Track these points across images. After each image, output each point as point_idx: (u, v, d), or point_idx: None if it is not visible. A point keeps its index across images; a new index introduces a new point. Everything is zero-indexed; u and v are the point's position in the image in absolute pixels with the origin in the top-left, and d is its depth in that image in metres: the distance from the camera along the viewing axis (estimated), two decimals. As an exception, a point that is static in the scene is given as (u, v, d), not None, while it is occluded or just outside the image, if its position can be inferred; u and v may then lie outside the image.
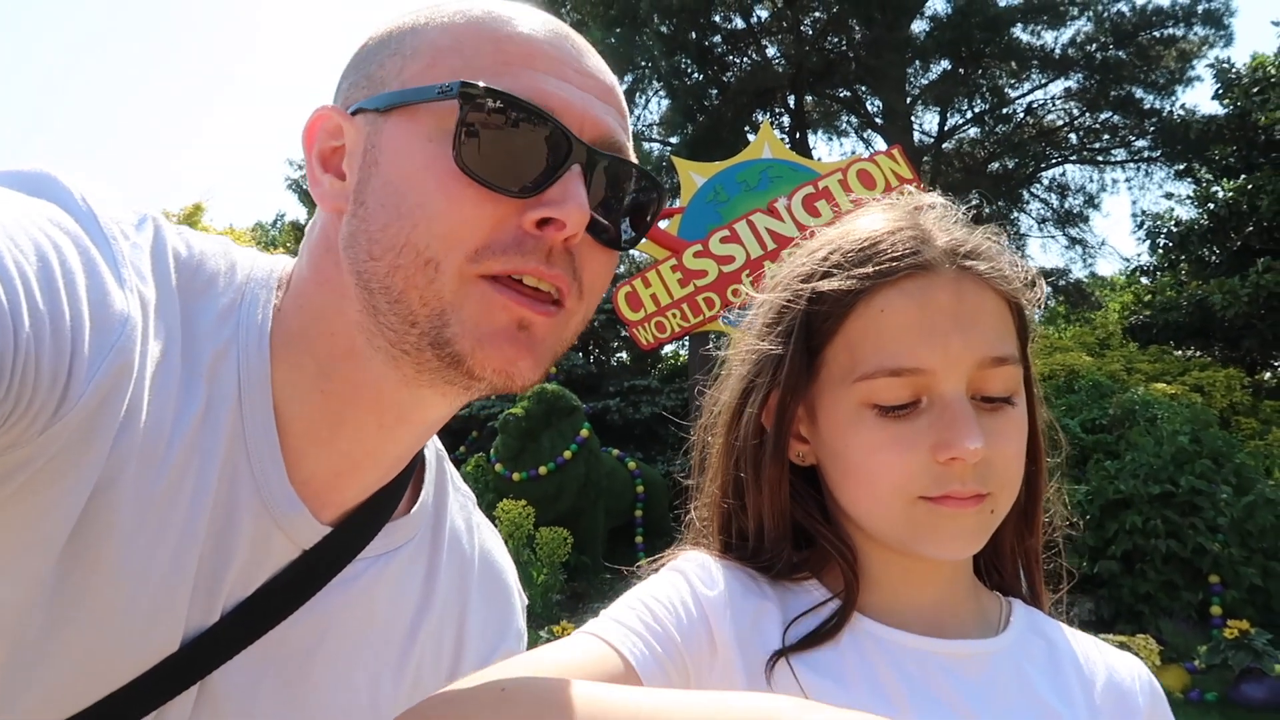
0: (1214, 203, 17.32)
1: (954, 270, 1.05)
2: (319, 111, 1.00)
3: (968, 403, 1.02)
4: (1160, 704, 1.11)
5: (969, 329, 1.03)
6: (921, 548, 1.03)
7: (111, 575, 0.86)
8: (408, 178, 0.92)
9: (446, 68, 0.93)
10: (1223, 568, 7.90)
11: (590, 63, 1.00)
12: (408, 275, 0.91)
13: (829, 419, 1.09)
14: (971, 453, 0.98)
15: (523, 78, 0.93)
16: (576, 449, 10.37)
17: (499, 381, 0.94)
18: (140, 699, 0.90)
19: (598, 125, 0.97)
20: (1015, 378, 1.06)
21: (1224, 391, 12.40)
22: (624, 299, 10.23)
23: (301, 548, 1.00)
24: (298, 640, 1.01)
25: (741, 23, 23.51)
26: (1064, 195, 24.80)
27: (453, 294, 0.91)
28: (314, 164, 1.00)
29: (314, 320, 0.98)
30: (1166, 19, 21.43)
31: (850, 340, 1.06)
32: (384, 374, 0.96)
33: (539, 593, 8.56)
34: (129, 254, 0.89)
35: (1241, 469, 8.57)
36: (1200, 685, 6.99)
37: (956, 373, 1.02)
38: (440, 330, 0.91)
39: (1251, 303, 14.70)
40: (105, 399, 0.81)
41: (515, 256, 0.91)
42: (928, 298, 1.04)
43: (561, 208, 0.90)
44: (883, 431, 1.03)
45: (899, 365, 1.02)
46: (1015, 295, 1.09)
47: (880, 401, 1.03)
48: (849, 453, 1.06)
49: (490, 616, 1.24)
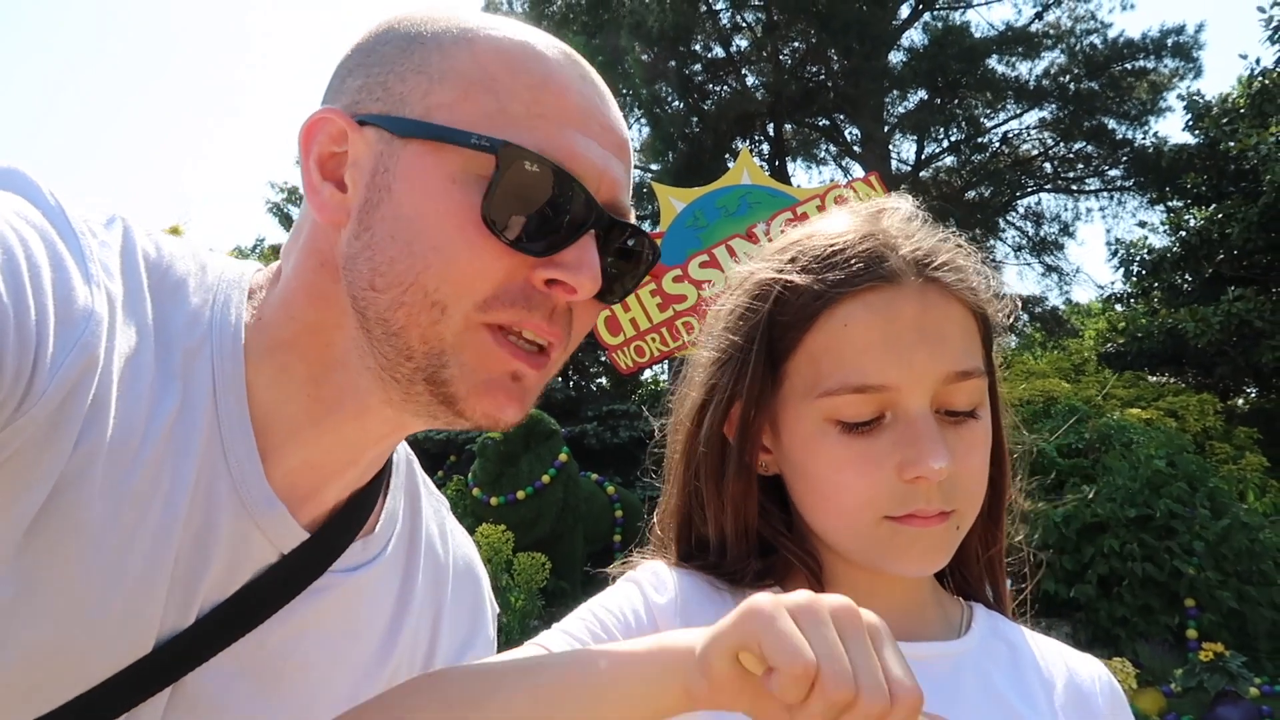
0: (1185, 231, 17.56)
1: (919, 281, 1.03)
2: (322, 113, 0.96)
3: (933, 420, 1.00)
4: (1120, 705, 1.11)
5: (934, 344, 1.01)
6: (887, 566, 1.02)
7: (81, 574, 0.84)
8: (425, 217, 0.90)
9: (479, 108, 0.91)
10: (1198, 591, 7.94)
11: (613, 114, 0.99)
12: (411, 313, 0.90)
13: (792, 433, 1.07)
14: (937, 472, 0.97)
15: (556, 136, 0.92)
16: (555, 473, 10.31)
17: (484, 424, 0.95)
18: (112, 701, 0.89)
19: (614, 187, 0.96)
20: (980, 390, 1.04)
21: (1198, 417, 12.51)
22: (603, 323, 10.22)
23: (280, 550, 0.99)
24: (274, 646, 1.00)
25: (721, 52, 23.75)
26: (1039, 223, 25.09)
27: (455, 338, 0.91)
28: (312, 168, 0.96)
29: (306, 332, 0.97)
30: (1137, 51, 21.83)
31: (813, 354, 1.04)
32: (370, 390, 0.96)
33: (516, 618, 8.47)
34: (97, 251, 0.88)
35: (1216, 493, 8.63)
36: (1176, 708, 7.01)
37: (921, 389, 1.00)
38: (438, 370, 0.91)
39: (1223, 330, 14.86)
40: (70, 394, 0.80)
41: (522, 311, 0.92)
42: (892, 312, 1.02)
43: (576, 275, 0.91)
44: (847, 449, 1.01)
45: (863, 382, 1.00)
46: (981, 306, 1.08)
47: (844, 418, 1.01)
48: (812, 469, 1.05)
49: (461, 620, 1.23)
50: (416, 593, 1.16)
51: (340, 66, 1.00)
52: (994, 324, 1.11)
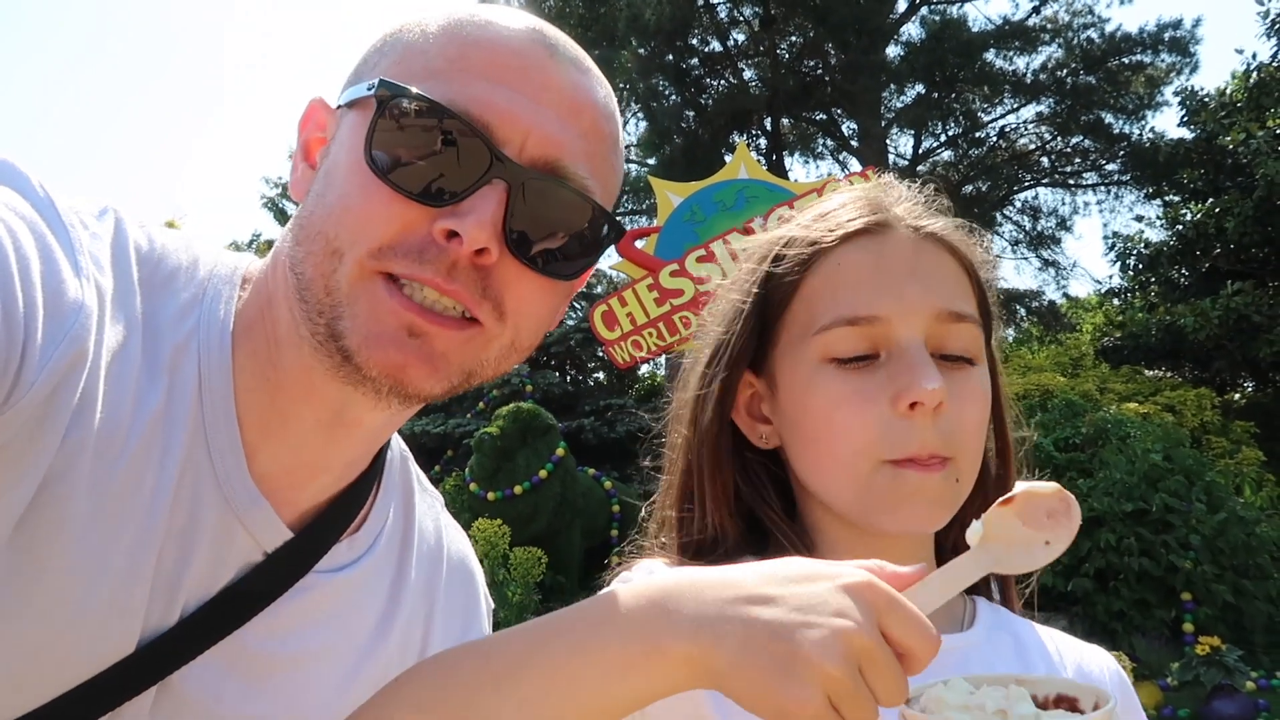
0: (1182, 225, 17.59)
1: (913, 232, 1.06)
2: (313, 102, 1.02)
3: (925, 351, 1.00)
4: (1129, 695, 1.10)
5: (926, 281, 1.03)
6: (884, 519, 1.00)
7: (64, 570, 0.83)
8: (338, 170, 0.92)
9: (408, 68, 0.92)
10: (1195, 585, 7.95)
11: (563, 78, 0.95)
12: (316, 262, 0.91)
13: (788, 383, 1.07)
14: (930, 394, 0.96)
15: (471, 85, 0.90)
16: (552, 468, 10.31)
17: (388, 385, 0.91)
18: (96, 699, 0.88)
19: (546, 143, 0.92)
20: (975, 338, 1.05)
21: (1195, 411, 12.53)
22: (600, 318, 10.22)
23: (264, 549, 0.98)
24: (260, 645, 0.99)
25: (719, 46, 23.69)
26: (1036, 218, 25.11)
27: (349, 287, 0.90)
28: (298, 153, 1.01)
29: (266, 306, 0.98)
30: (1135, 46, 21.82)
31: (808, 297, 1.06)
32: (313, 364, 0.95)
33: (514, 612, 8.48)
34: (87, 243, 0.88)
35: (1212, 487, 8.65)
36: (1173, 702, 7.02)
37: (913, 322, 1.01)
38: (335, 323, 0.90)
39: (1221, 325, 14.90)
40: (58, 387, 0.79)
41: (414, 263, 0.89)
42: (885, 251, 1.04)
43: (462, 220, 0.87)
44: (842, 385, 1.01)
45: (855, 314, 1.01)
46: (975, 266, 1.09)
47: (838, 354, 1.02)
48: (808, 416, 1.04)
49: (455, 618, 1.23)
50: (409, 590, 1.16)
51: None
52: (988, 291, 1.12)
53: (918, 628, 0.74)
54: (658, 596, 0.80)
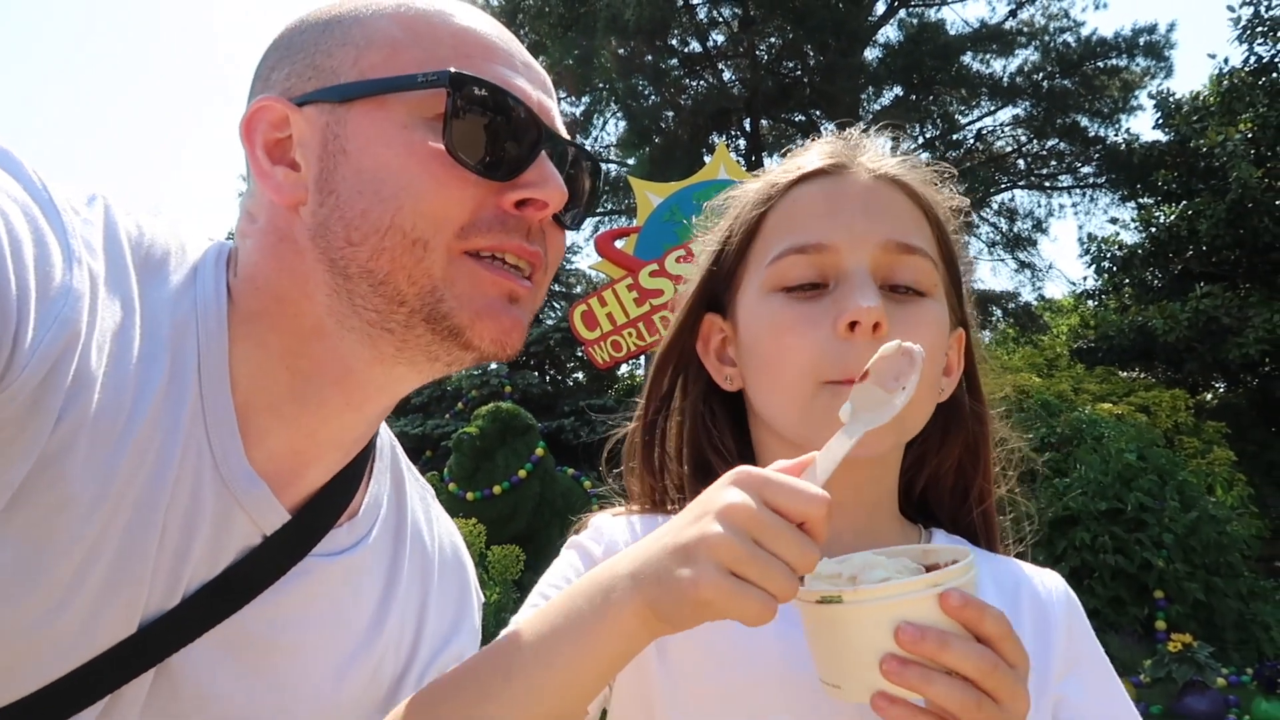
0: (1156, 227, 17.78)
1: (871, 176, 1.10)
2: (260, 102, 0.98)
3: (869, 276, 1.03)
4: (1077, 614, 1.13)
5: (876, 214, 1.06)
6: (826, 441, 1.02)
7: (63, 552, 0.83)
8: (388, 165, 0.93)
9: (411, 59, 0.95)
10: (1167, 583, 8.05)
11: (527, 56, 1.05)
12: (394, 257, 0.92)
13: (745, 317, 1.11)
14: (866, 312, 0.99)
15: (487, 70, 0.96)
16: (532, 468, 10.29)
17: (493, 351, 0.97)
18: (96, 681, 0.88)
19: (549, 113, 1.02)
20: (926, 271, 1.07)
21: (1169, 412, 12.67)
22: (580, 318, 10.22)
23: (263, 531, 0.98)
24: (259, 629, 1.00)
25: (698, 46, 23.71)
26: (1013, 220, 25.26)
27: (443, 271, 0.94)
28: (259, 157, 0.98)
29: (275, 303, 0.98)
30: (1110, 50, 22.01)
31: (765, 234, 1.11)
32: (355, 353, 0.97)
33: (492, 611, 8.45)
34: (79, 228, 0.88)
35: (1185, 486, 8.75)
36: (1146, 698, 7.10)
37: (860, 250, 1.04)
38: (435, 305, 0.94)
39: (1191, 327, 15.06)
40: (51, 370, 0.80)
41: (500, 234, 0.95)
42: (840, 188, 1.08)
43: (543, 189, 0.96)
44: (790, 311, 1.05)
45: (804, 242, 1.05)
46: (932, 206, 1.12)
47: (787, 282, 1.06)
48: (759, 343, 1.08)
49: (447, 608, 1.24)
50: (403, 578, 1.16)
51: (258, 70, 1.02)
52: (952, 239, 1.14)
53: (798, 492, 0.81)
54: (603, 572, 0.89)
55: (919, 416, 1.08)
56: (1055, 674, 1.06)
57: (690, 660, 1.00)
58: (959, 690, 0.79)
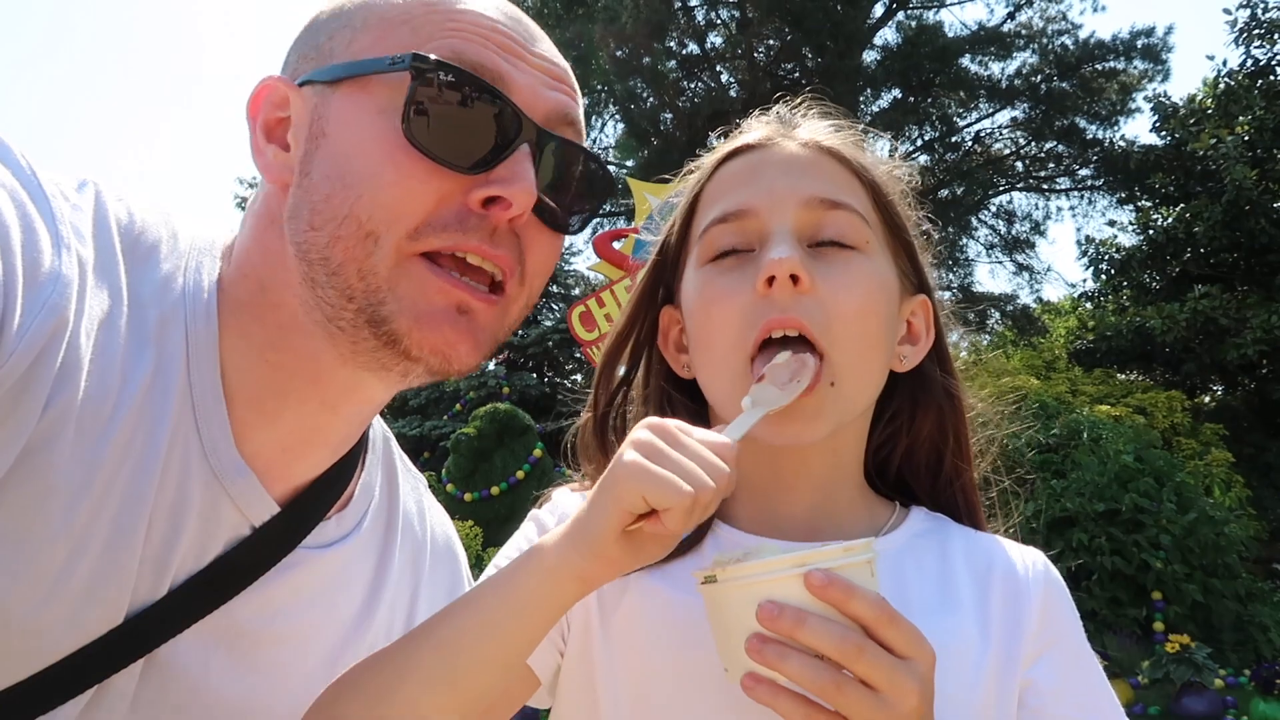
0: (1153, 230, 17.78)
1: (798, 144, 1.09)
2: (265, 81, 0.98)
3: (790, 232, 1.02)
4: (1056, 594, 1.10)
5: (797, 175, 1.06)
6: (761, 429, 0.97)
7: (48, 540, 0.83)
8: (355, 148, 0.90)
9: (397, 40, 0.92)
10: (1165, 584, 8.04)
11: (543, 46, 1.00)
12: (347, 247, 0.90)
13: (685, 294, 1.11)
14: (779, 263, 0.97)
15: (475, 54, 0.92)
16: (529, 469, 10.29)
17: (436, 364, 0.92)
18: (83, 671, 0.87)
19: (547, 104, 0.96)
20: (855, 226, 1.05)
21: (1166, 413, 12.67)
22: (578, 319, 10.21)
23: (251, 522, 0.97)
24: (247, 620, 0.99)
25: (696, 48, 23.73)
26: (1011, 222, 25.29)
27: (389, 271, 0.90)
28: (258, 135, 0.97)
29: (259, 290, 0.97)
30: (1108, 53, 22.05)
31: (698, 213, 1.12)
32: (323, 348, 0.95)
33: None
34: (68, 214, 0.87)
35: (1182, 487, 8.75)
36: (1143, 700, 7.10)
37: (781, 210, 1.03)
38: (377, 308, 0.90)
39: (1189, 328, 15.06)
40: (39, 357, 0.79)
41: (457, 234, 0.90)
42: (765, 158, 1.08)
43: (509, 187, 0.90)
44: (718, 281, 1.05)
45: (726, 210, 1.06)
46: (867, 170, 1.10)
47: (714, 251, 1.06)
48: (694, 319, 1.08)
49: (438, 598, 1.23)
50: (393, 569, 1.16)
51: (289, 51, 1.02)
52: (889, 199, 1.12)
53: (703, 430, 0.86)
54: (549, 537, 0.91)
55: (862, 384, 1.05)
56: (1025, 656, 1.02)
57: (631, 635, 1.01)
58: (816, 670, 0.77)
